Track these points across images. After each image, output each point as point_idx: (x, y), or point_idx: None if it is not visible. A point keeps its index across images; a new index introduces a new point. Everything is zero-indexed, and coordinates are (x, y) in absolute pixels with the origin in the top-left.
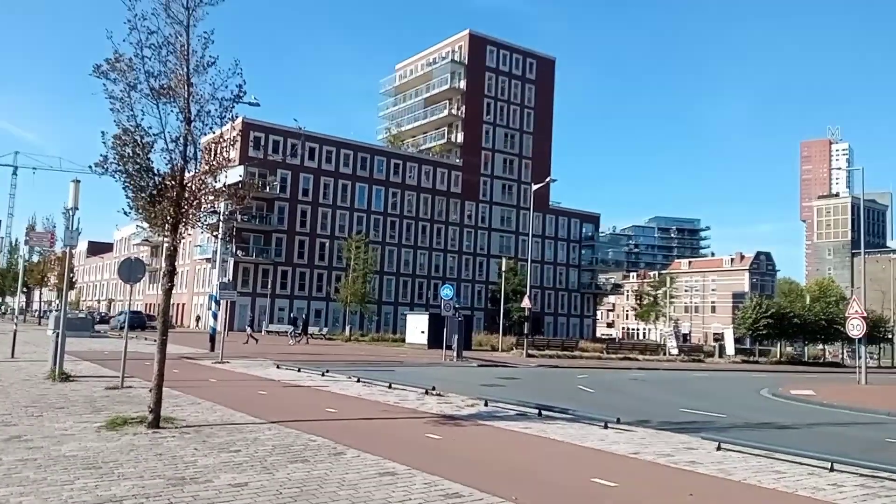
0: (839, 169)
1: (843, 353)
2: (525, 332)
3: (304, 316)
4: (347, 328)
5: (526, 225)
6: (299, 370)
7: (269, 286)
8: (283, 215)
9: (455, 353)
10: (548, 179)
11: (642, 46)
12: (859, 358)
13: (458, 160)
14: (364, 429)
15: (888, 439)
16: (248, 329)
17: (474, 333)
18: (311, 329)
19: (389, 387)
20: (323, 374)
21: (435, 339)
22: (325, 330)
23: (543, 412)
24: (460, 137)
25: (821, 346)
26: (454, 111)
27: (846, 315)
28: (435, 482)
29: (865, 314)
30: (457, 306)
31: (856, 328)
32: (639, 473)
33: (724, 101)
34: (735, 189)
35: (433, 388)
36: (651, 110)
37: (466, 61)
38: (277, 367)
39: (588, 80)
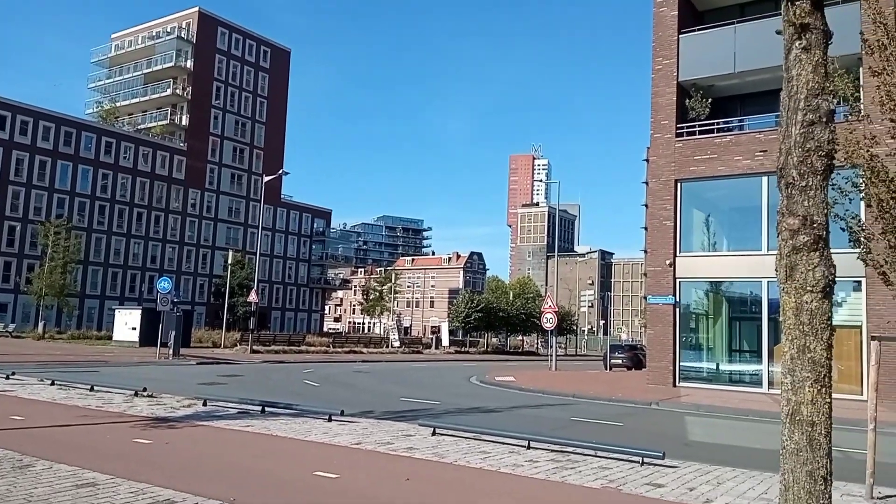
0: (540, 181)
1: (538, 343)
2: (251, 327)
3: None
4: (41, 324)
5: (256, 217)
6: None
7: None
8: None
9: (172, 351)
10: (280, 172)
11: (378, 50)
12: (550, 347)
13: (182, 144)
14: (58, 437)
15: (573, 418)
16: None
17: (195, 329)
18: None
19: (91, 389)
20: (7, 378)
21: (148, 337)
22: (11, 327)
23: (267, 409)
24: (185, 120)
25: (520, 337)
26: (179, 91)
27: (541, 310)
28: (143, 490)
29: (557, 308)
30: (175, 300)
31: (549, 321)
32: (360, 463)
33: (449, 109)
34: (454, 194)
35: (144, 390)
36: (383, 113)
37: (195, 40)
38: None
39: (323, 77)
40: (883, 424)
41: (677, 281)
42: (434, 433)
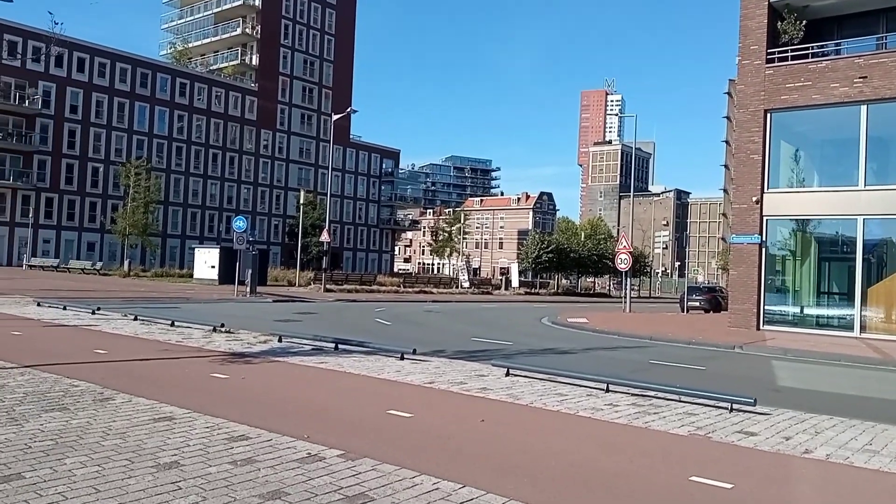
0: (615, 115)
1: (609, 285)
2: (324, 266)
3: None
4: (126, 263)
5: (326, 157)
6: (65, 308)
7: (31, 215)
8: (46, 134)
9: (249, 289)
10: (349, 110)
11: None
12: (624, 288)
13: (253, 84)
14: (139, 371)
15: (651, 361)
16: None
17: (270, 269)
18: (82, 263)
19: (172, 325)
20: (93, 313)
21: (227, 275)
22: (98, 264)
23: (340, 346)
24: (255, 60)
25: (591, 279)
26: (248, 30)
27: (615, 250)
28: (218, 425)
29: (631, 249)
30: (251, 239)
31: (623, 262)
32: (433, 403)
33: (517, 45)
34: (523, 133)
35: (222, 325)
36: (450, 50)
37: None
38: (38, 304)
39: (390, 14)
40: None
41: (764, 219)
42: (508, 374)
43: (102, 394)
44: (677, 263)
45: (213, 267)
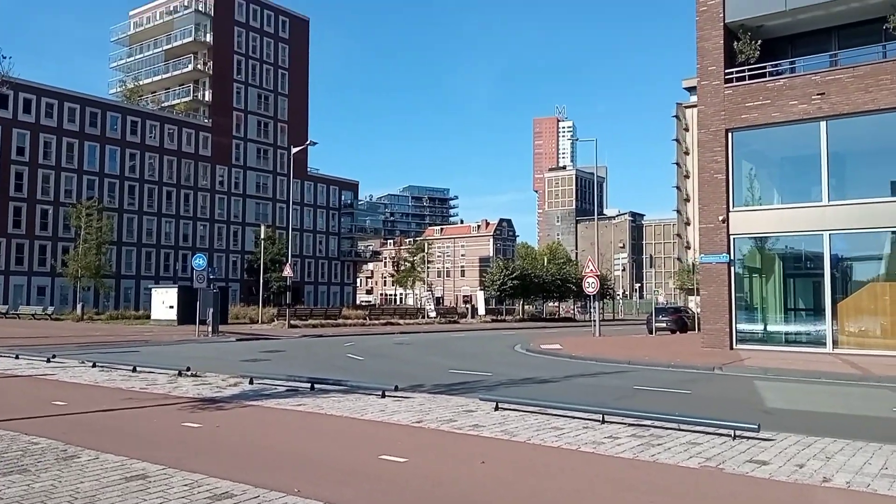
0: (577, 140)
1: (574, 309)
2: (287, 301)
3: None
4: (79, 306)
5: (283, 191)
6: (17, 357)
7: None
8: None
9: (210, 329)
10: (308, 142)
11: (395, 18)
12: (593, 312)
13: (206, 120)
14: (103, 423)
15: (635, 386)
16: None
17: (231, 306)
18: (32, 308)
19: (133, 370)
20: (48, 361)
21: (186, 315)
22: (50, 309)
23: (316, 385)
24: (208, 96)
25: (555, 303)
26: (200, 66)
27: (582, 274)
28: (198, 481)
29: (599, 273)
30: (211, 277)
31: (591, 286)
32: (426, 444)
33: (470, 76)
34: (480, 161)
35: (187, 369)
36: (403, 82)
37: (213, 12)
38: None
39: (342, 48)
40: None
41: (731, 238)
42: (497, 408)
43: (66, 451)
44: (637, 285)
45: (171, 307)
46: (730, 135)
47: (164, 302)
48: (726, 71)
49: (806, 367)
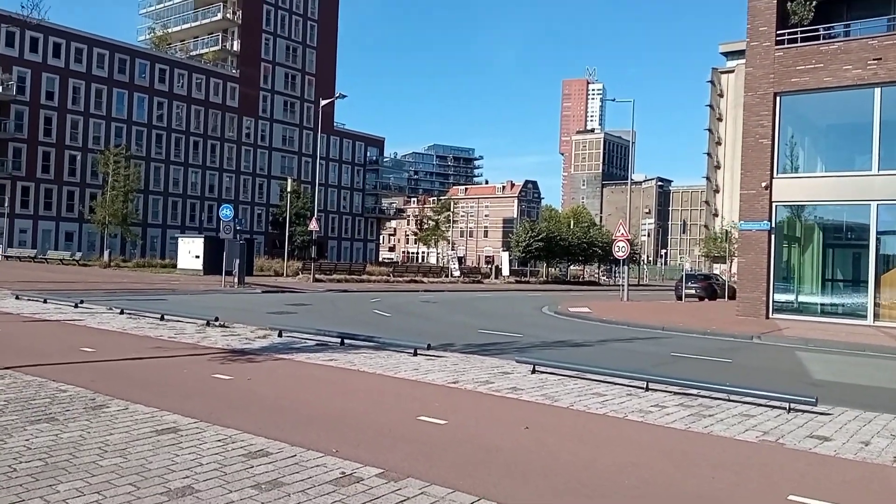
0: (612, 100)
1: (598, 273)
2: (312, 255)
3: None
4: (106, 253)
5: (309, 145)
6: (45, 301)
7: (7, 204)
8: (21, 122)
9: (236, 279)
10: (337, 95)
11: None
12: (621, 276)
13: (234, 71)
14: (132, 372)
15: (672, 353)
16: None
17: (255, 258)
18: (60, 254)
19: (161, 318)
20: (76, 306)
21: (211, 265)
22: (78, 255)
23: (346, 340)
24: (236, 46)
25: (580, 267)
26: (229, 16)
27: (613, 238)
28: (231, 437)
29: (629, 237)
30: (238, 228)
31: (621, 250)
32: (464, 406)
33: (499, 36)
34: (506, 122)
35: (216, 319)
36: (432, 39)
37: None
38: (17, 297)
39: (372, 2)
40: None
41: (773, 205)
42: (534, 371)
43: (94, 400)
44: (662, 251)
45: (197, 257)
46: (778, 98)
47: (190, 251)
48: (778, 32)
49: (848, 339)
